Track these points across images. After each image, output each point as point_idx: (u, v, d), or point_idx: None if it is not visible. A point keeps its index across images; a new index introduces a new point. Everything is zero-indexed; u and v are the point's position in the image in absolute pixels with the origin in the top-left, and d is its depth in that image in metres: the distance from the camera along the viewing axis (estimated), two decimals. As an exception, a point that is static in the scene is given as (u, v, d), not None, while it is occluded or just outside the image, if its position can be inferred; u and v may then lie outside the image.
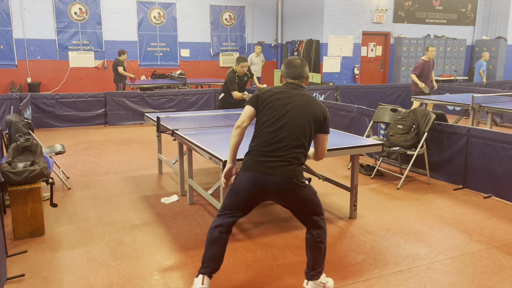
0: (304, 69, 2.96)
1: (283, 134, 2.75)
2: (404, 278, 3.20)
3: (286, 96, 2.85)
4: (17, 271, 3.26)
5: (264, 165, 2.73)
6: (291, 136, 2.75)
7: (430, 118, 5.35)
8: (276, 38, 15.94)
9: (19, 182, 3.78)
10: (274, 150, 2.74)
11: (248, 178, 2.77)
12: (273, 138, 2.75)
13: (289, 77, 2.95)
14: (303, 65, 2.96)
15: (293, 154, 2.74)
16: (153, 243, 3.75)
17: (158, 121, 4.74)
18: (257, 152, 2.79)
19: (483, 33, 16.29)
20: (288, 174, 2.71)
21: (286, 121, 2.76)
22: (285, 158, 2.73)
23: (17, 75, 12.68)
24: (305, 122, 2.78)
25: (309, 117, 2.79)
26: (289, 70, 2.95)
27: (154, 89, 10.90)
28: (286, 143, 2.74)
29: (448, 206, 4.69)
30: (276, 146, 2.74)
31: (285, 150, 2.73)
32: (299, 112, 2.79)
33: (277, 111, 2.80)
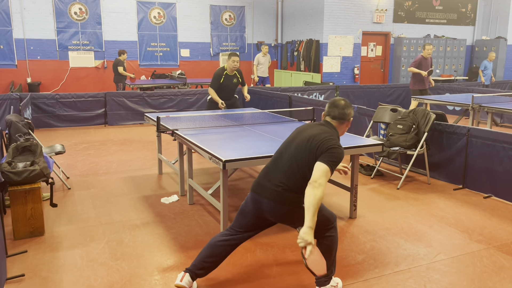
0: (346, 111, 2.86)
1: (281, 161, 2.82)
2: (404, 278, 3.20)
3: (305, 126, 2.90)
4: (17, 271, 3.26)
5: (260, 187, 2.83)
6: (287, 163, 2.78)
7: (430, 118, 5.35)
8: (276, 38, 15.94)
9: (19, 182, 3.78)
10: (270, 174, 2.82)
11: (250, 197, 2.90)
12: (273, 163, 2.86)
13: (328, 116, 2.89)
14: (346, 106, 2.87)
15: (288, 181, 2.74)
16: (153, 243, 3.75)
17: (158, 121, 4.74)
18: (260, 176, 2.90)
19: (483, 33, 16.29)
20: (278, 199, 2.74)
21: (289, 149, 2.83)
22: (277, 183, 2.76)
23: (17, 75, 12.68)
24: (305, 152, 2.73)
25: (310, 147, 2.72)
26: (329, 109, 2.89)
27: (154, 89, 10.90)
28: (281, 169, 2.78)
29: (448, 206, 4.69)
30: (272, 171, 2.82)
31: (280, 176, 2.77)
32: (303, 141, 2.78)
33: (289, 137, 2.92)
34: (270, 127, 5.01)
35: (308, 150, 2.72)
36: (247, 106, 10.55)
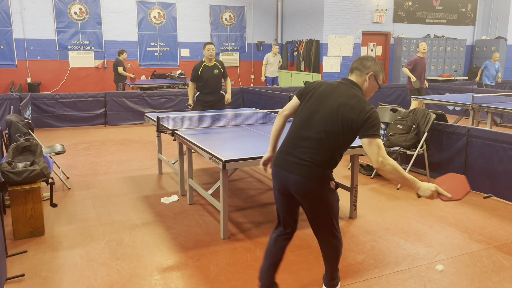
0: (365, 63, 2.60)
1: (307, 133, 2.53)
2: (404, 278, 3.20)
3: (328, 90, 2.58)
4: (17, 271, 3.26)
5: (286, 162, 2.57)
6: (316, 136, 2.50)
7: (430, 118, 5.35)
8: (276, 38, 15.93)
9: (19, 182, 3.78)
10: (296, 148, 2.55)
11: (274, 173, 2.67)
12: (296, 136, 2.58)
13: (350, 69, 2.66)
14: (369, 59, 2.62)
15: (316, 156, 2.49)
16: (153, 243, 3.75)
17: (158, 121, 4.74)
18: (282, 147, 2.65)
19: (483, 33, 16.29)
20: (307, 174, 2.49)
21: (314, 118, 2.53)
22: (305, 158, 2.50)
23: (17, 75, 12.67)
24: (337, 123, 2.48)
25: (344, 118, 2.47)
26: (354, 63, 2.65)
27: (154, 89, 10.90)
28: (309, 143, 2.51)
29: (448, 206, 4.69)
30: (298, 144, 2.55)
31: (304, 149, 2.51)
32: (332, 109, 2.49)
33: (311, 106, 2.58)
34: (270, 127, 5.01)
35: (340, 123, 2.47)
36: (247, 106, 10.56)
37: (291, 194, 2.61)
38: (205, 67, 6.43)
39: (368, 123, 2.43)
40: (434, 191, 2.43)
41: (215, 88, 6.53)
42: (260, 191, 5.14)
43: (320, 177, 2.52)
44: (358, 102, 2.49)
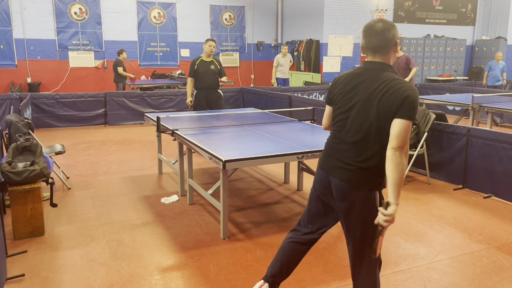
0: (385, 36, 2.21)
1: (344, 134, 2.29)
2: (404, 278, 3.20)
3: (355, 84, 2.28)
4: (17, 271, 3.26)
5: (328, 165, 2.36)
6: (356, 136, 2.24)
7: (430, 118, 5.35)
8: (276, 38, 15.93)
9: (19, 182, 3.78)
10: (337, 151, 2.32)
11: (317, 174, 2.46)
12: (336, 138, 2.34)
13: (367, 50, 2.28)
14: (386, 30, 2.22)
15: (359, 157, 2.23)
16: (153, 243, 3.75)
17: (158, 121, 4.75)
18: (325, 150, 2.43)
19: (483, 33, 16.29)
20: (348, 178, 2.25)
21: (351, 117, 2.27)
22: (347, 161, 2.26)
23: (17, 75, 12.67)
24: (377, 114, 2.18)
25: (383, 106, 2.16)
26: (366, 39, 2.27)
27: (154, 89, 10.90)
28: (348, 145, 2.27)
29: (448, 206, 4.69)
30: (338, 148, 2.31)
31: (347, 152, 2.27)
32: (367, 102, 2.21)
33: (342, 106, 2.31)
34: (270, 127, 5.01)
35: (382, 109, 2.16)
36: (247, 106, 10.56)
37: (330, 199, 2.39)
38: (201, 62, 6.52)
39: (406, 105, 2.11)
40: (392, 221, 2.14)
41: (211, 84, 6.52)
42: (260, 191, 5.14)
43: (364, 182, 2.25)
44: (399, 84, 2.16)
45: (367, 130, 2.21)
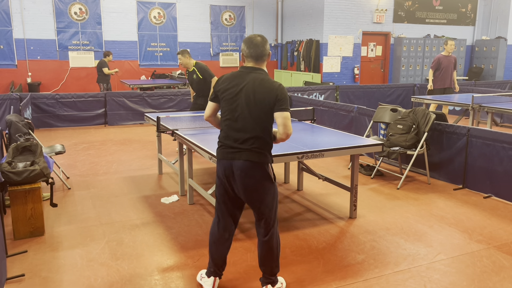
0: (266, 47, 2.83)
1: (240, 125, 2.75)
2: (404, 278, 3.20)
3: (238, 83, 2.78)
4: (17, 271, 3.26)
5: (230, 155, 2.79)
6: (249, 126, 2.74)
7: (430, 118, 5.35)
8: (276, 38, 15.94)
9: (19, 182, 3.78)
10: (236, 141, 2.77)
11: (219, 165, 2.86)
12: (233, 130, 2.78)
13: (250, 57, 2.81)
14: (264, 42, 2.82)
15: (252, 143, 2.74)
16: (153, 243, 3.75)
17: (158, 121, 4.74)
18: (222, 144, 2.84)
19: (483, 33, 16.29)
20: (251, 157, 2.74)
21: (242, 111, 2.75)
22: (248, 146, 2.74)
23: (17, 75, 12.68)
24: (262, 107, 2.73)
25: (266, 102, 2.72)
26: (250, 50, 2.80)
27: (154, 89, 10.90)
28: (246, 133, 2.74)
29: (448, 206, 4.69)
30: (237, 137, 2.76)
31: (247, 140, 2.74)
32: (252, 99, 2.73)
33: (232, 103, 2.78)
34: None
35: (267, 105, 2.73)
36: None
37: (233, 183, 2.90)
38: (188, 72, 6.65)
39: (283, 100, 2.73)
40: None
41: (200, 92, 6.62)
42: (260, 191, 5.13)
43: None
44: (272, 84, 2.75)
45: (251, 121, 2.74)
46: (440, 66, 8.83)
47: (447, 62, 8.83)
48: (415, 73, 15.00)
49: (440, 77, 8.89)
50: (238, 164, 2.75)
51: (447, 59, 8.84)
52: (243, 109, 2.74)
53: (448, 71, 8.87)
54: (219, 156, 2.85)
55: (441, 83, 8.94)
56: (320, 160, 6.44)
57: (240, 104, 2.75)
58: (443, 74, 8.85)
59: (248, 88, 2.75)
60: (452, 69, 8.92)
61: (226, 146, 2.81)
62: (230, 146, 2.79)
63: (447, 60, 8.83)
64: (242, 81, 2.78)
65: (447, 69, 8.85)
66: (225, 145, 2.82)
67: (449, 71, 8.89)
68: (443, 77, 8.87)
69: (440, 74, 8.88)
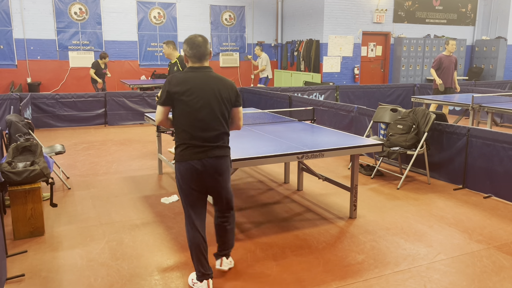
0: (207, 47, 2.93)
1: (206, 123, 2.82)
2: (404, 278, 3.20)
3: (195, 84, 2.83)
4: (17, 271, 3.26)
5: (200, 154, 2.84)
6: (216, 123, 2.84)
7: (430, 118, 5.35)
8: (276, 38, 15.93)
9: (19, 182, 3.78)
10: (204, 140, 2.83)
11: (186, 167, 2.86)
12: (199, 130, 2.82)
13: (194, 57, 2.90)
14: (206, 42, 2.93)
15: (220, 139, 2.88)
16: (153, 243, 3.75)
17: (158, 121, 4.73)
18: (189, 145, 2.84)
19: (483, 33, 16.29)
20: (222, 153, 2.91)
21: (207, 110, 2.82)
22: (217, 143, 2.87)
23: (17, 75, 12.68)
24: (221, 104, 2.85)
25: (223, 98, 2.86)
26: (194, 50, 2.88)
27: (154, 89, 10.90)
28: (214, 131, 2.84)
29: (448, 206, 4.69)
30: (205, 136, 2.82)
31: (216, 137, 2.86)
32: (211, 98, 2.82)
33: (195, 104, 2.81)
34: (270, 127, 5.01)
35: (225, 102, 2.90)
36: (247, 106, 10.55)
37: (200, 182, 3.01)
38: (170, 64, 6.63)
39: (239, 96, 2.98)
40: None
41: None
42: (260, 191, 5.14)
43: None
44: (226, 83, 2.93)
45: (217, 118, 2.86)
46: (442, 65, 8.84)
47: (448, 62, 8.84)
48: (415, 73, 15.00)
49: (441, 77, 8.91)
50: (210, 162, 2.85)
51: (448, 59, 8.85)
52: (209, 107, 2.82)
53: (449, 71, 8.89)
54: (186, 157, 2.84)
55: (443, 83, 8.94)
56: (320, 160, 6.44)
57: (204, 103, 2.82)
58: (444, 74, 8.87)
59: (212, 87, 2.84)
60: (453, 69, 8.93)
61: (193, 146, 2.83)
62: (198, 146, 2.83)
63: (448, 60, 8.84)
64: (199, 81, 2.84)
65: (448, 69, 8.87)
66: (192, 145, 2.83)
67: (450, 71, 8.91)
68: (444, 77, 8.90)
69: (441, 73, 8.90)
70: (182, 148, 2.85)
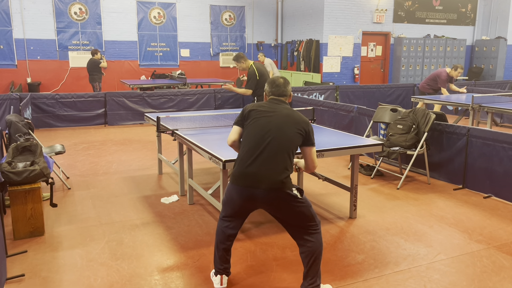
0: (287, 88, 3.04)
1: (268, 147, 2.77)
2: (404, 278, 3.20)
3: (269, 110, 2.91)
4: (17, 271, 3.26)
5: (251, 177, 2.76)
6: (278, 148, 2.76)
7: (430, 118, 5.35)
8: (276, 38, 15.94)
9: (19, 182, 3.78)
10: (261, 163, 2.75)
11: (236, 191, 2.82)
12: (257, 151, 2.77)
13: (272, 95, 3.02)
14: (286, 84, 3.05)
15: (280, 165, 2.75)
16: (153, 243, 3.76)
17: (158, 121, 4.74)
18: (243, 164, 2.81)
19: (483, 33, 16.29)
20: (276, 184, 2.73)
21: (271, 134, 2.79)
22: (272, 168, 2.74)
23: (17, 75, 12.67)
24: (289, 133, 2.81)
25: (293, 129, 2.82)
26: (272, 89, 3.02)
27: (154, 89, 10.90)
28: (272, 155, 2.75)
29: (448, 206, 4.69)
30: (262, 158, 2.75)
31: (272, 162, 2.75)
32: (283, 124, 2.83)
33: (261, 125, 2.84)
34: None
35: (296, 133, 2.85)
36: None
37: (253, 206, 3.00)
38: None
39: (311, 134, 2.90)
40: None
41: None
42: (260, 191, 5.14)
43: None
44: (301, 117, 2.92)
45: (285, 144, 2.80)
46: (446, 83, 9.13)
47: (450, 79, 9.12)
48: (415, 73, 15.01)
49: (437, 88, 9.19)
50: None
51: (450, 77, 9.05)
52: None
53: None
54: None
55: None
56: (320, 160, 6.43)
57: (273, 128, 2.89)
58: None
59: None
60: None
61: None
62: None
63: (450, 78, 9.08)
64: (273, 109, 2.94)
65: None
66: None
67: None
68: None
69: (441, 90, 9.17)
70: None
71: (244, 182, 2.78)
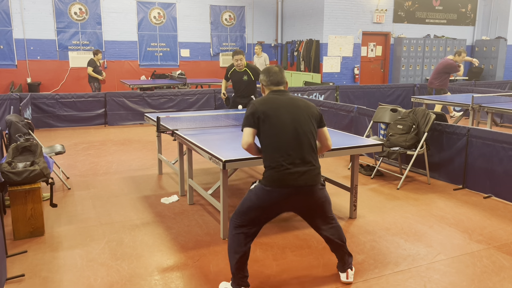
0: (284, 75, 3.06)
1: (297, 143, 2.80)
2: (404, 278, 3.20)
3: (279, 105, 2.90)
4: (17, 271, 3.26)
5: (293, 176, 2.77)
6: (305, 141, 2.82)
7: (430, 118, 5.35)
8: (276, 38, 15.93)
9: (19, 182, 3.78)
10: (297, 158, 2.78)
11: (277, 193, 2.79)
12: (289, 150, 2.78)
13: (271, 85, 3.01)
14: (282, 71, 3.06)
15: (313, 156, 2.84)
16: (153, 243, 3.76)
17: (158, 121, 4.74)
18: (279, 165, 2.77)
19: (483, 33, 16.29)
20: (315, 178, 2.82)
21: (294, 130, 2.82)
22: (309, 161, 2.81)
23: (17, 75, 12.67)
24: (308, 123, 2.87)
25: (308, 117, 2.90)
26: (270, 77, 3.01)
27: (154, 89, 10.90)
28: (304, 150, 2.80)
29: (448, 206, 4.69)
30: (296, 155, 2.78)
31: (305, 157, 2.80)
32: (299, 116, 2.87)
33: (281, 123, 2.83)
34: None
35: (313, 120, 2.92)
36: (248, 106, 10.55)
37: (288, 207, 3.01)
38: (234, 71, 6.84)
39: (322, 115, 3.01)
40: None
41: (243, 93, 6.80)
42: (260, 191, 5.14)
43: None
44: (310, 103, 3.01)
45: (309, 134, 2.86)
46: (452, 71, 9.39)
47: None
48: (415, 73, 15.01)
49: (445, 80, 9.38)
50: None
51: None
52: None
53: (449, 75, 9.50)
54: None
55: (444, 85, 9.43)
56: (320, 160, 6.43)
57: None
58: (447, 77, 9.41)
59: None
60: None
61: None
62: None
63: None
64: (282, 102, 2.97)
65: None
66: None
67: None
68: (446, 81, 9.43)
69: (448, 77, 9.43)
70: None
71: (287, 183, 2.77)
